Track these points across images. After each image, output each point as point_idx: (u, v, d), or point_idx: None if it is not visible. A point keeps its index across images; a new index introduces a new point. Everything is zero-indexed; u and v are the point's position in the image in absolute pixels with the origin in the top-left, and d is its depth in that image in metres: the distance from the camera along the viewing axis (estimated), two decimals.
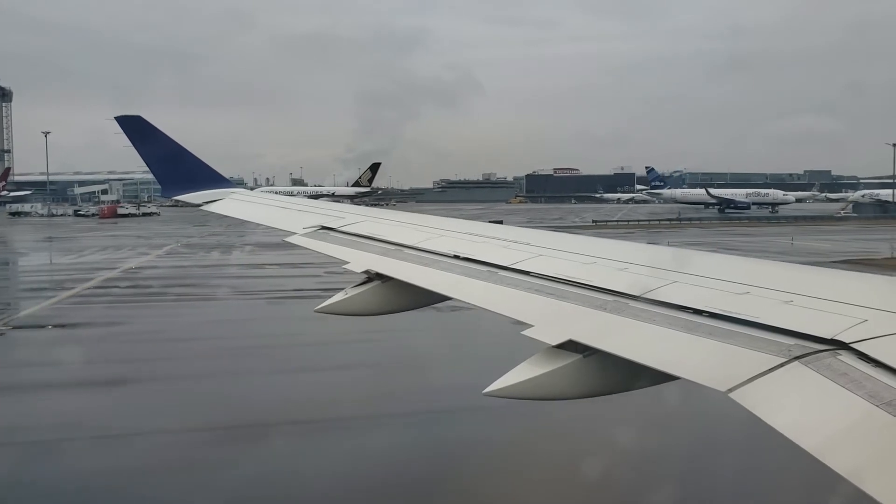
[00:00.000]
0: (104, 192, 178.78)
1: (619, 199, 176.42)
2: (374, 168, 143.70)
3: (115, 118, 12.16)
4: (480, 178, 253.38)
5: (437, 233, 7.55)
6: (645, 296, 4.51)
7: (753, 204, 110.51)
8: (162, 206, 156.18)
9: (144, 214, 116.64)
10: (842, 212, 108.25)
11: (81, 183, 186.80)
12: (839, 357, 3.24)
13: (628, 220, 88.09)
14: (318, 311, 7.11)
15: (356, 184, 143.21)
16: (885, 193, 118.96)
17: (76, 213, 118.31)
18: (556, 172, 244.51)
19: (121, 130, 12.11)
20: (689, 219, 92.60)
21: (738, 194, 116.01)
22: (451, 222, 8.50)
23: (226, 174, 13.51)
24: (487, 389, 4.34)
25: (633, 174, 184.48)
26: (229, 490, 11.90)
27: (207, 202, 11.84)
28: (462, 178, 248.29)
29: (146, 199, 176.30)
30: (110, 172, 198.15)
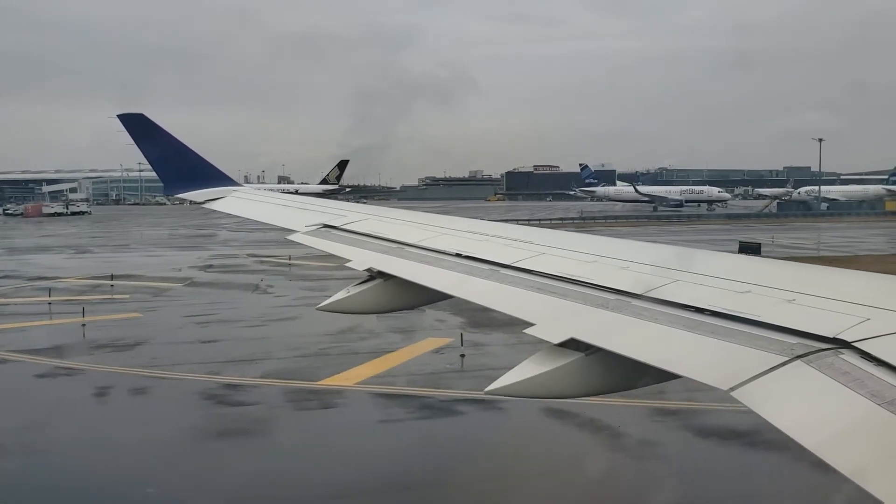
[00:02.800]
0: (72, 190, 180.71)
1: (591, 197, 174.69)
2: (342, 165, 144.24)
3: (118, 116, 12.15)
4: (467, 176, 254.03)
5: (439, 231, 7.55)
6: (647, 294, 4.51)
7: (687, 202, 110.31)
8: (118, 204, 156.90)
9: (73, 214, 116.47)
10: (765, 210, 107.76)
11: (50, 181, 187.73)
12: (841, 356, 3.24)
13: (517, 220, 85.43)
14: (319, 309, 7.13)
15: (323, 181, 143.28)
16: (830, 191, 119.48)
17: (4, 212, 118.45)
18: (536, 170, 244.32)
19: (123, 128, 12.11)
20: (616, 217, 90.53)
21: (671, 192, 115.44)
22: (453, 221, 8.50)
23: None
24: (489, 388, 4.35)
25: (614, 171, 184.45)
26: None
27: (209, 200, 11.85)
28: (450, 176, 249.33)
29: (114, 198, 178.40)
30: (92, 170, 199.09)
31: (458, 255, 6.48)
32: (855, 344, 3.29)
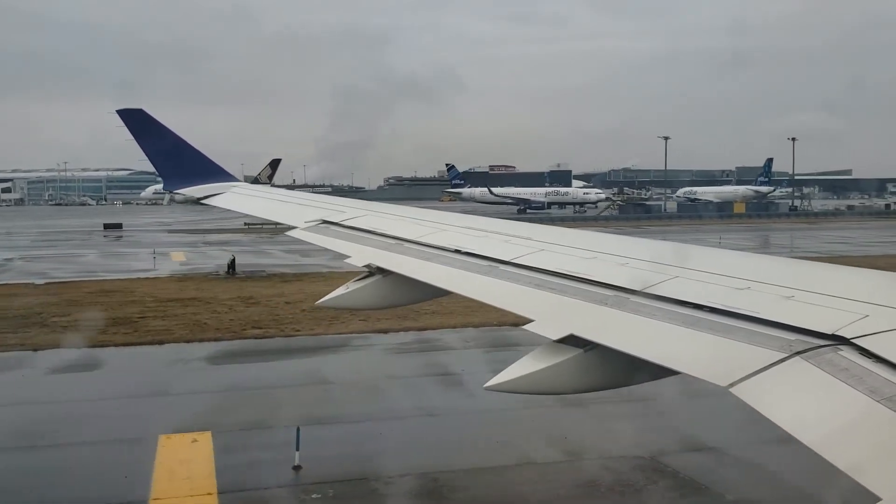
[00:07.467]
0: (6, 190, 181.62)
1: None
2: (274, 164, 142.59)
3: (117, 111, 12.13)
4: (436, 175, 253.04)
5: (438, 227, 7.55)
6: (646, 291, 4.51)
7: (553, 204, 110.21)
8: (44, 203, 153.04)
9: None
10: (606, 211, 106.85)
11: None
12: (840, 352, 3.24)
13: None
14: (319, 305, 7.14)
15: (255, 180, 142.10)
16: (706, 191, 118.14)
17: None
18: (491, 170, 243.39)
19: (123, 124, 12.09)
20: None
21: (536, 194, 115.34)
22: (452, 217, 8.50)
23: None
24: (488, 384, 4.35)
25: (570, 171, 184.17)
26: None
27: (209, 196, 11.83)
28: (417, 176, 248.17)
29: (46, 198, 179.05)
30: (48, 170, 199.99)
31: (457, 251, 6.48)
32: (854, 340, 3.29)
